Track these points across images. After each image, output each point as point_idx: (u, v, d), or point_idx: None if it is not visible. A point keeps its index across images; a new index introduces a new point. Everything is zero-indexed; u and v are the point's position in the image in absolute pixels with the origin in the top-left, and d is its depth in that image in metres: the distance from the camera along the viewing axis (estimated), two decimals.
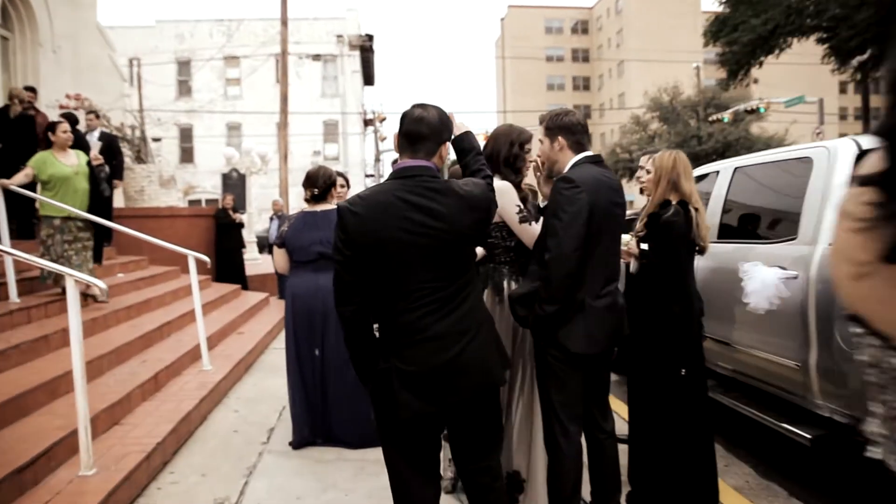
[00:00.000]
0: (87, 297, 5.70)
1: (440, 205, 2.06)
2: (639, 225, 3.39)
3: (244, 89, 32.23)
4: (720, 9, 18.56)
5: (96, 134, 8.23)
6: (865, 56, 16.10)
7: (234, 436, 4.26)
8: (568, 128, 2.87)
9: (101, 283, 3.41)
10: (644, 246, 3.33)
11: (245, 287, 10.11)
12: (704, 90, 38.68)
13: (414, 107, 2.20)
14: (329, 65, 34.41)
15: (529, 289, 2.68)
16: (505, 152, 3.05)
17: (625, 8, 64.60)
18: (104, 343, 4.95)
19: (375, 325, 2.20)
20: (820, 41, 17.13)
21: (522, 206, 3.01)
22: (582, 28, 73.82)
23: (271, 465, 3.76)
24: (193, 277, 5.48)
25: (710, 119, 29.65)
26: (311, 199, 3.97)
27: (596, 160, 2.87)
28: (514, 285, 3.04)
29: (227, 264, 10.15)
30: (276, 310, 8.93)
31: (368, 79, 40.00)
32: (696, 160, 36.82)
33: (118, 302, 6.19)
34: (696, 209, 3.27)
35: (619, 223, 2.87)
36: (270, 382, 5.63)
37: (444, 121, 2.19)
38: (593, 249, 2.62)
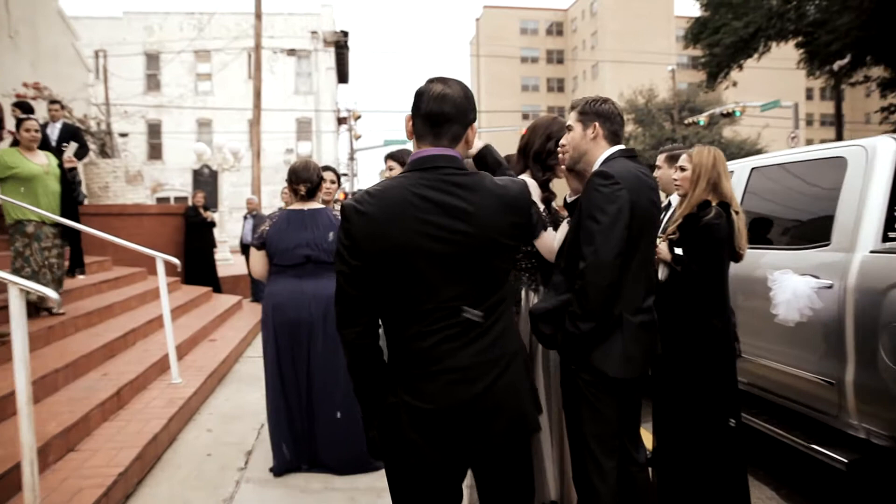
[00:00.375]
0: (40, 309, 5.12)
1: (469, 203, 1.65)
2: (671, 227, 3.05)
3: (215, 85, 31.42)
4: (700, 11, 18.47)
5: (59, 125, 7.65)
6: (845, 60, 16.12)
7: (207, 460, 3.81)
8: (607, 116, 2.52)
9: (53, 294, 2.94)
10: (678, 251, 2.99)
11: (217, 289, 9.59)
12: (679, 93, 38.87)
13: (432, 82, 1.77)
14: (303, 61, 33.75)
15: (556, 303, 2.31)
16: (538, 146, 2.74)
17: (599, 10, 64.87)
18: (60, 355, 4.46)
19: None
20: (799, 45, 17.14)
21: (542, 210, 2.65)
22: (557, 30, 74.00)
23: (251, 497, 3.33)
24: (162, 281, 5.01)
25: (685, 122, 29.69)
26: (304, 196, 3.53)
27: (631, 154, 2.53)
28: (534, 298, 2.68)
29: (197, 265, 9.62)
30: (250, 314, 8.45)
31: (343, 76, 39.38)
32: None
33: (78, 308, 5.67)
34: (737, 212, 2.96)
35: (656, 227, 2.53)
36: (246, 396, 5.19)
37: (469, 98, 1.77)
38: (633, 256, 2.27)
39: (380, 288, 1.67)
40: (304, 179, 3.50)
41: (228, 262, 12.95)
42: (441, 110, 1.71)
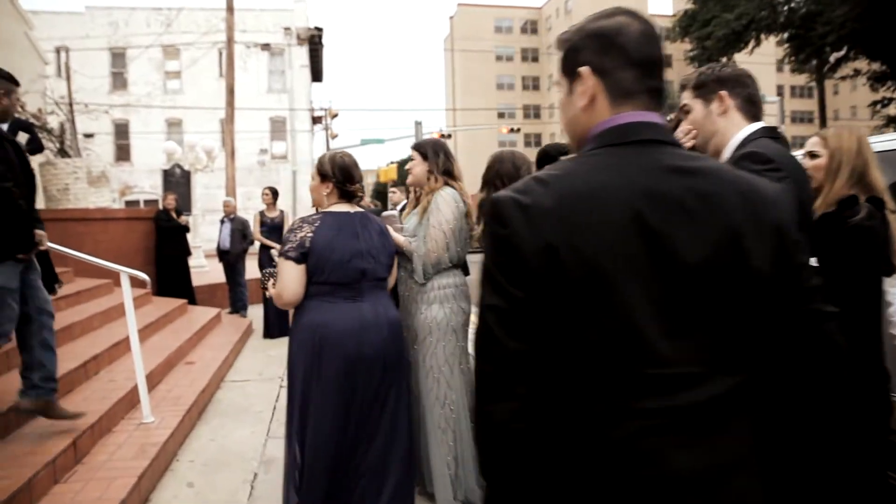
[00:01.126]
0: None
1: (719, 199, 0.97)
2: None
3: (185, 83, 30.25)
4: (688, 3, 18.00)
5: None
6: (842, 52, 15.76)
7: None
8: (734, 80, 1.83)
9: None
10: (812, 261, 2.29)
11: (192, 301, 8.71)
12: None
13: (617, 14, 1.08)
14: (276, 58, 32.71)
15: None
16: (509, 169, 3.03)
17: (574, 9, 64.67)
18: (1, 395, 3.61)
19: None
20: (791, 38, 16.75)
21: None
22: (531, 28, 73.73)
23: None
24: (128, 300, 4.18)
25: (667, 118, 29.29)
26: (346, 197, 2.72)
27: (775, 135, 1.83)
28: None
29: (170, 274, 8.73)
30: (230, 329, 7.61)
31: (317, 74, 38.37)
32: None
33: None
34: (894, 211, 2.26)
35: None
36: (232, 433, 4.38)
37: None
38: None
39: (559, 334, 0.96)
40: (357, 179, 2.73)
41: (203, 269, 12.03)
42: (659, 55, 1.06)
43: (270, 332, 7.61)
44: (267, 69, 32.36)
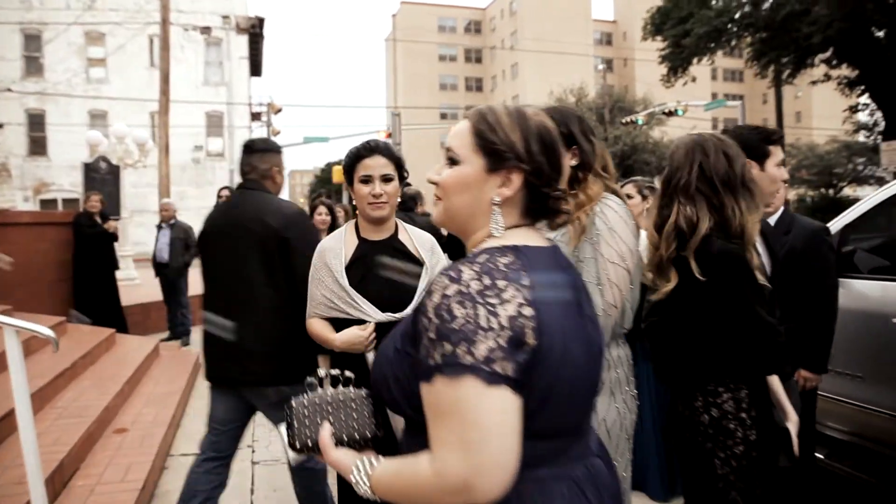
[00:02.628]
0: None
1: None
2: None
3: (110, 71, 27.68)
4: (662, 1, 17.17)
5: None
6: (828, 53, 15.22)
7: None
8: None
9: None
10: None
11: (122, 328, 6.95)
12: (609, 92, 38.24)
13: None
14: (213, 48, 30.46)
15: None
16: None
17: (519, 10, 64.26)
18: None
19: None
20: (767, 39, 16.12)
21: None
22: (475, 28, 72.99)
23: None
24: (14, 360, 2.60)
25: (623, 121, 28.79)
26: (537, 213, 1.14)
27: None
28: None
29: (93, 294, 6.96)
30: (173, 366, 5.96)
31: (256, 68, 36.19)
32: None
33: None
34: None
35: None
36: None
37: None
38: None
39: None
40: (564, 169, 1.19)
41: (133, 281, 10.20)
42: None
43: None
44: (203, 60, 30.09)
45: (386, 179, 2.07)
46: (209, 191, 29.05)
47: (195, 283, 8.32)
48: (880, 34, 15.52)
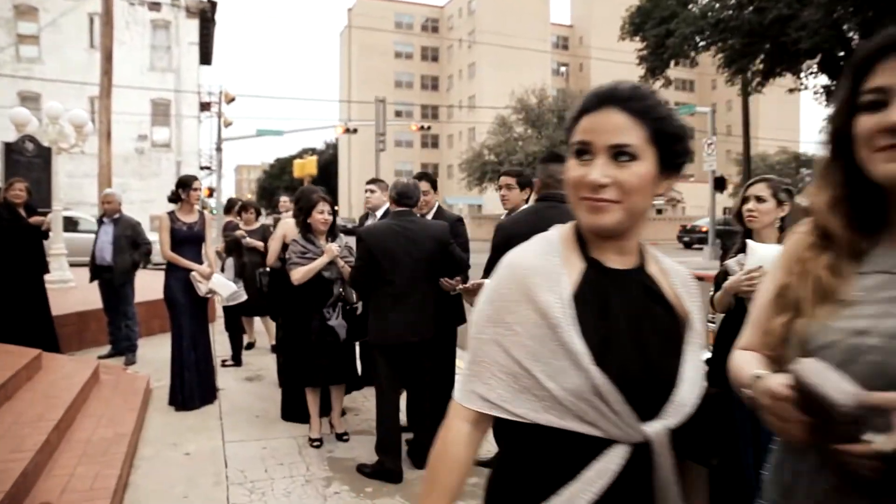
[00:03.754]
0: None
1: None
2: None
3: (44, 50, 25.62)
4: (641, 1, 16.60)
5: None
6: (816, 59, 14.89)
7: None
8: None
9: None
10: None
11: (53, 346, 5.69)
12: (572, 94, 37.95)
13: None
14: (161, 32, 28.63)
15: None
16: None
17: (478, 10, 63.71)
18: None
19: None
20: (747, 44, 15.74)
21: None
22: (432, 26, 72.12)
23: None
24: None
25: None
26: None
27: None
28: None
29: (16, 307, 5.68)
30: (116, 397, 4.81)
31: (206, 56, 34.36)
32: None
33: None
34: None
35: None
36: None
37: None
38: None
39: None
40: None
41: (68, 284, 8.86)
42: None
43: (186, 396, 4.89)
44: (150, 43, 28.25)
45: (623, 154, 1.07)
46: (153, 183, 27.18)
47: (145, 288, 7.16)
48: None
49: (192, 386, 4.91)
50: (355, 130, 30.76)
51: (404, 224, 3.63)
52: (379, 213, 5.33)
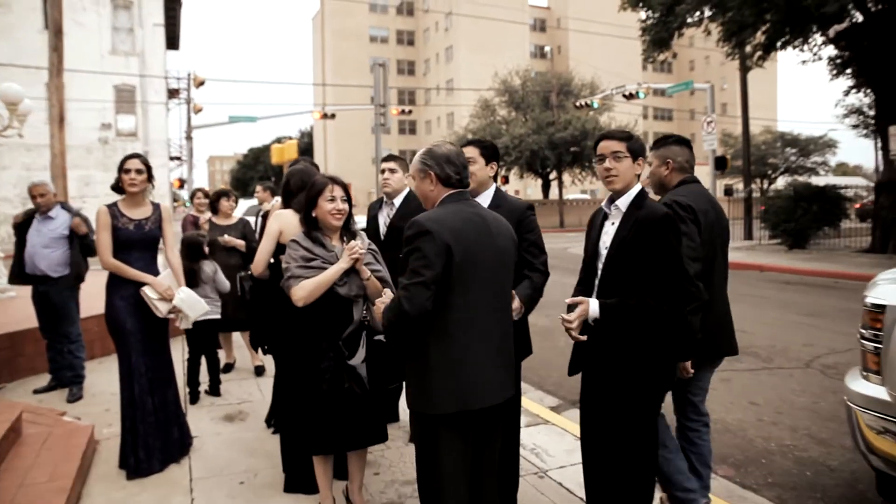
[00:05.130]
0: None
1: None
2: None
3: None
4: None
5: None
6: (844, 25, 13.78)
7: None
8: None
9: None
10: None
11: None
12: (557, 75, 36.71)
13: None
14: (122, 13, 26.76)
15: None
16: None
17: None
18: None
19: None
20: (763, 10, 14.56)
21: None
22: (408, 10, 70.40)
23: None
24: None
25: (577, 104, 27.15)
26: None
27: None
28: None
29: None
30: (47, 458, 3.47)
31: (172, 41, 32.45)
32: (554, 148, 34.80)
33: None
34: None
35: None
36: None
37: None
38: None
39: None
40: None
41: (5, 294, 7.43)
42: None
43: (141, 458, 3.56)
44: (110, 24, 26.38)
45: None
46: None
47: (94, 295, 5.78)
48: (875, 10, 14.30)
49: (150, 443, 3.59)
50: (333, 116, 29.19)
51: (479, 213, 2.32)
52: (398, 200, 4.04)
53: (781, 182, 41.46)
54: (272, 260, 3.29)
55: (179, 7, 30.34)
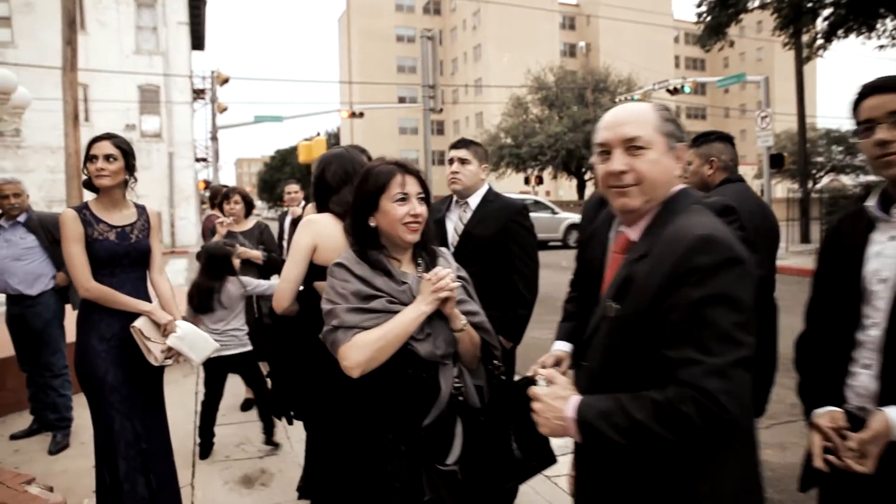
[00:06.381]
0: None
1: None
2: None
3: (17, 33, 23.25)
4: None
5: None
6: None
7: None
8: None
9: None
10: None
11: None
12: (592, 71, 35.37)
13: None
14: (146, 11, 26.16)
15: None
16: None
17: None
18: None
19: None
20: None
21: None
22: (434, 9, 69.44)
23: None
24: None
25: (616, 99, 25.86)
26: None
27: None
28: None
29: None
30: None
31: (197, 41, 31.90)
32: (591, 146, 33.38)
33: None
34: None
35: None
36: None
37: None
38: None
39: None
40: None
41: None
42: None
43: None
44: (134, 24, 25.78)
45: None
46: (144, 177, 24.74)
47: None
48: None
49: None
50: (361, 114, 28.31)
51: None
52: (475, 200, 2.95)
53: (826, 181, 39.61)
54: (301, 287, 2.21)
55: (204, 5, 29.74)
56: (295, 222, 3.76)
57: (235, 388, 5.04)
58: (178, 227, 26.28)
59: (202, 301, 3.77)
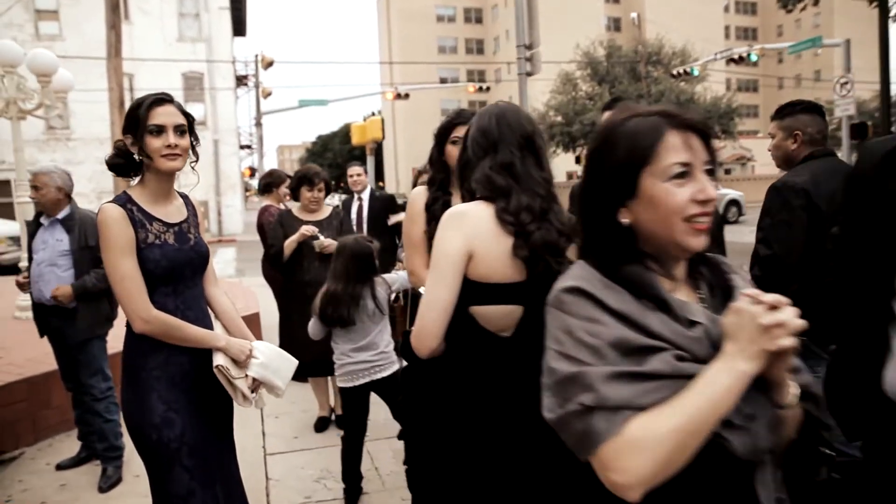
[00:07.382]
0: None
1: None
2: None
3: (65, 26, 23.19)
4: None
5: None
6: None
7: None
8: None
9: None
10: None
11: None
12: (645, 43, 33.79)
13: None
14: None
15: None
16: None
17: None
18: None
19: None
20: None
21: None
22: None
23: None
24: None
25: (674, 73, 24.49)
26: None
27: None
28: None
29: None
30: None
31: (239, 27, 31.51)
32: None
33: None
34: None
35: None
36: None
37: None
38: None
39: None
40: None
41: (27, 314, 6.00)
42: None
43: None
44: (176, 11, 25.46)
45: None
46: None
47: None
48: None
49: None
50: (407, 95, 27.64)
51: None
52: None
53: None
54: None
55: None
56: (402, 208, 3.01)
57: (302, 399, 4.39)
58: (224, 215, 26.06)
59: (341, 313, 2.95)
